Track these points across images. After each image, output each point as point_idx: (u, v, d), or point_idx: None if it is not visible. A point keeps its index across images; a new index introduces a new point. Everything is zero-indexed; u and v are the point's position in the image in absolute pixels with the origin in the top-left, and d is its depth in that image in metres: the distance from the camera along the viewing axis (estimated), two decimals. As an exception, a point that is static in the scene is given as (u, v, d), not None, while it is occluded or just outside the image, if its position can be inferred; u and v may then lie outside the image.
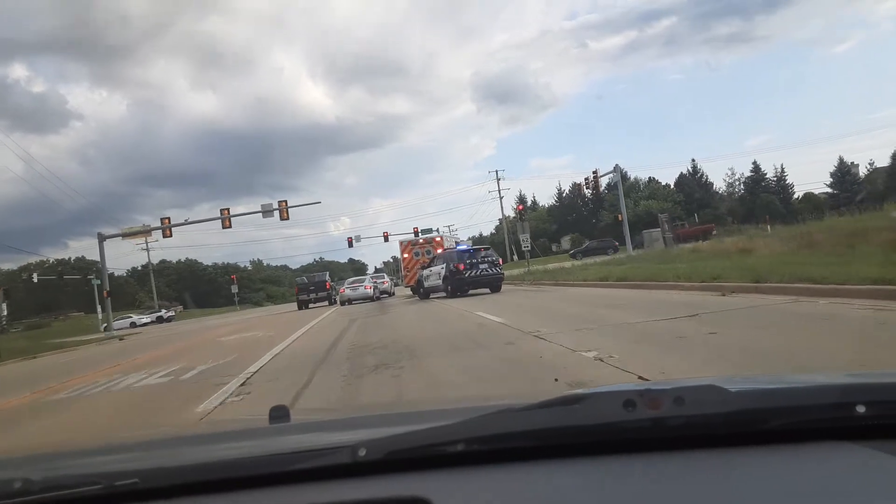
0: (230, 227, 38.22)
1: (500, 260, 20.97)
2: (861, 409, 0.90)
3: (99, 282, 57.25)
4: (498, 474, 0.92)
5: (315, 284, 33.47)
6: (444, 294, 21.43)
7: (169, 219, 38.43)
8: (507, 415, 1.01)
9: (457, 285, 20.36)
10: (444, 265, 21.03)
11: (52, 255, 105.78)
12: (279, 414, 1.39)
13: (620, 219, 40.74)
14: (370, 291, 29.80)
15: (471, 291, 20.86)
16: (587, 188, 48.63)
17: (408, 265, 30.51)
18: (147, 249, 78.41)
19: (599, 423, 0.94)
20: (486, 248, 21.47)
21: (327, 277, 34.55)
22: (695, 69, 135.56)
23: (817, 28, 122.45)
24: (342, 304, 29.89)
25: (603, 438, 0.94)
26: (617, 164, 40.89)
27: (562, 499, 0.84)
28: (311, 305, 34.71)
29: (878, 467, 0.84)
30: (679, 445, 0.93)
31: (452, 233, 33.36)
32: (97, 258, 39.63)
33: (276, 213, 38.45)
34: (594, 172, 44.88)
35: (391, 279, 39.43)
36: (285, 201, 38.29)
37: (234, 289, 71.85)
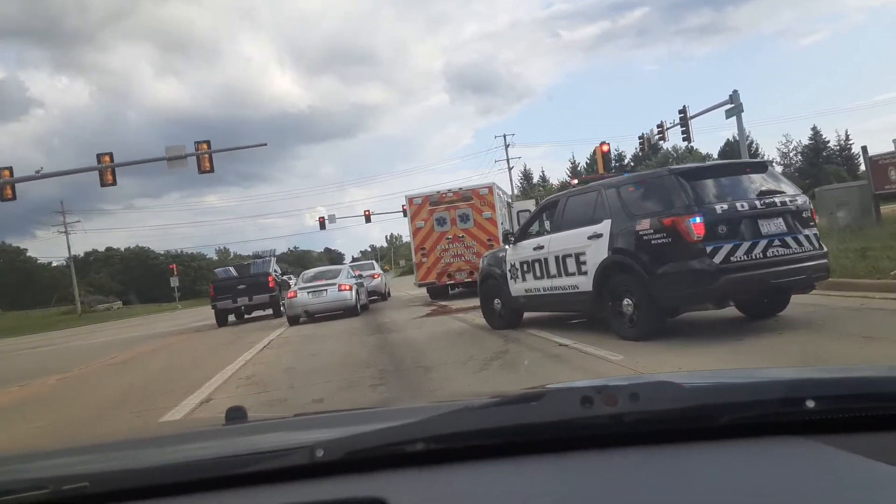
0: (113, 182, 23.18)
1: (813, 210, 5.96)
2: (811, 403, 0.90)
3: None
4: (456, 473, 0.90)
5: (247, 280, 18.30)
6: (559, 315, 6.58)
7: (10, 170, 23.05)
8: (465, 413, 1.02)
9: (693, 293, 5.52)
10: (605, 225, 6.11)
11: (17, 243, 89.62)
12: (236, 415, 1.34)
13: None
14: (349, 295, 14.80)
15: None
16: (662, 140, 34.14)
17: (424, 243, 15.55)
18: (66, 233, 62.82)
19: (557, 420, 0.93)
20: (761, 163, 6.46)
21: (271, 268, 19.05)
22: (668, 60, 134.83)
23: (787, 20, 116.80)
24: (292, 321, 14.90)
25: (560, 435, 0.93)
26: (735, 91, 26.31)
27: (518, 496, 0.82)
28: (245, 317, 19.71)
29: (825, 462, 0.84)
30: (635, 441, 0.92)
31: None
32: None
33: (194, 161, 23.27)
34: (681, 111, 30.27)
35: (382, 272, 24.05)
36: (207, 142, 23.14)
37: (174, 282, 57.21)
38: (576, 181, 7.46)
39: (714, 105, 27.63)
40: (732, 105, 26.16)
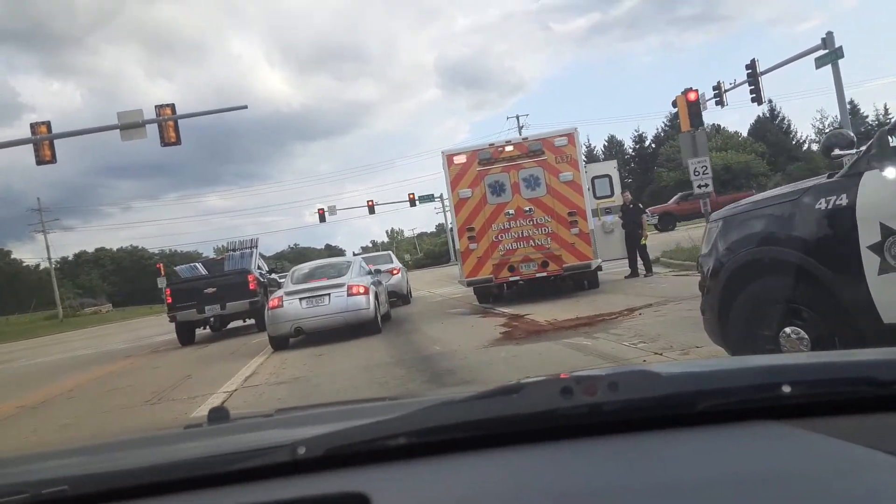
0: (52, 159, 18.23)
1: None
2: (787, 388, 0.91)
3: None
4: (438, 466, 0.90)
5: (219, 282, 13.23)
6: None
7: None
8: (447, 406, 1.03)
9: None
10: None
11: (17, 247, 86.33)
12: (218, 415, 1.33)
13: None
14: (365, 302, 9.80)
15: None
16: (720, 105, 28.86)
17: (472, 221, 10.53)
18: (44, 231, 58.27)
19: (538, 411, 0.93)
20: None
21: (252, 264, 13.78)
22: (661, 50, 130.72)
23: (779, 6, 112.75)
24: (276, 343, 9.91)
25: (542, 426, 0.93)
26: (830, 34, 21.22)
27: (501, 486, 0.82)
28: (222, 328, 14.72)
29: (802, 445, 0.85)
30: (616, 430, 0.93)
31: None
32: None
33: (156, 131, 18.25)
34: (749, 66, 25.02)
35: (402, 266, 18.77)
36: (171, 106, 18.12)
37: (161, 282, 52.31)
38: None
39: (799, 53, 22.55)
40: (826, 51, 21.06)
